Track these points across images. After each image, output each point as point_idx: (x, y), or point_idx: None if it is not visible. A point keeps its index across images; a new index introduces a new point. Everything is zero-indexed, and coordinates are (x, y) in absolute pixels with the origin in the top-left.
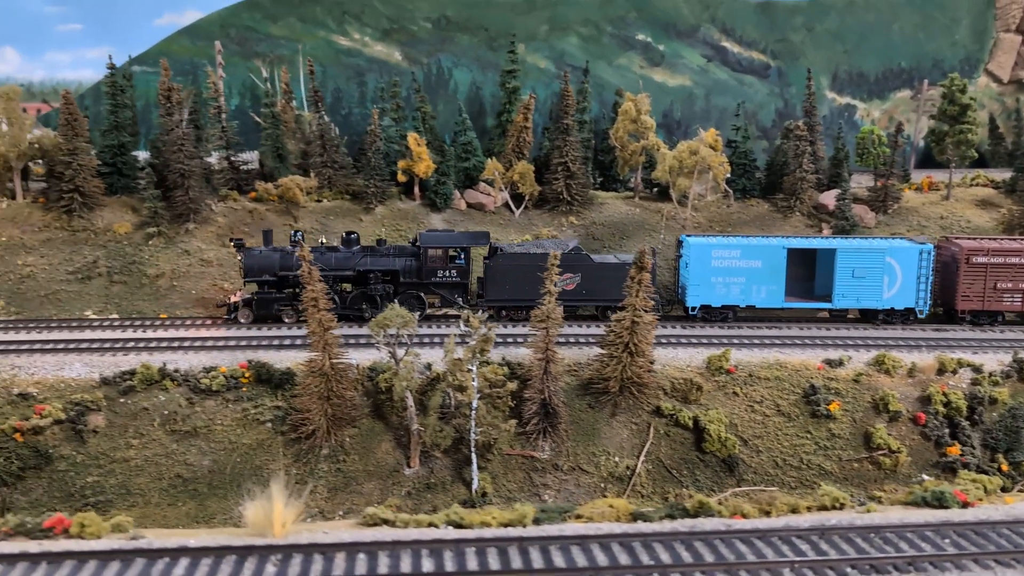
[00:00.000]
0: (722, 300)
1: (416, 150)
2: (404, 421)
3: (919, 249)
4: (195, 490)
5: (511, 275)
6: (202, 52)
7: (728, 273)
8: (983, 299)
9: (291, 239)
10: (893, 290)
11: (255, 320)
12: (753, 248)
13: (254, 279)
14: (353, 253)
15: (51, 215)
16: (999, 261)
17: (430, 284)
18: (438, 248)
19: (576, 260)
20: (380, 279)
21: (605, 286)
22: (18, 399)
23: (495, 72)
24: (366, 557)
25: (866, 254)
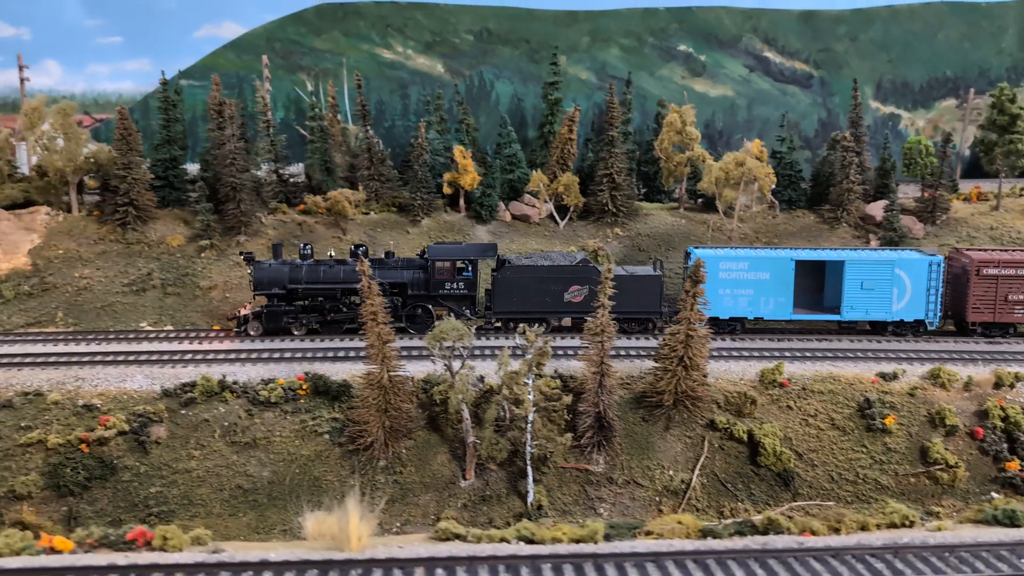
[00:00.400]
0: (730, 312)
1: (462, 162)
2: (459, 433)
3: (928, 261)
4: (255, 501)
5: (519, 287)
6: (247, 66)
7: (736, 285)
8: (994, 311)
9: (300, 252)
10: (903, 302)
11: (265, 333)
12: (761, 260)
13: (264, 292)
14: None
15: (106, 228)
16: (1010, 273)
17: (438, 296)
18: (446, 260)
19: (584, 273)
20: (388, 291)
21: (613, 298)
22: (83, 410)
23: (536, 84)
24: (444, 572)
25: (875, 266)
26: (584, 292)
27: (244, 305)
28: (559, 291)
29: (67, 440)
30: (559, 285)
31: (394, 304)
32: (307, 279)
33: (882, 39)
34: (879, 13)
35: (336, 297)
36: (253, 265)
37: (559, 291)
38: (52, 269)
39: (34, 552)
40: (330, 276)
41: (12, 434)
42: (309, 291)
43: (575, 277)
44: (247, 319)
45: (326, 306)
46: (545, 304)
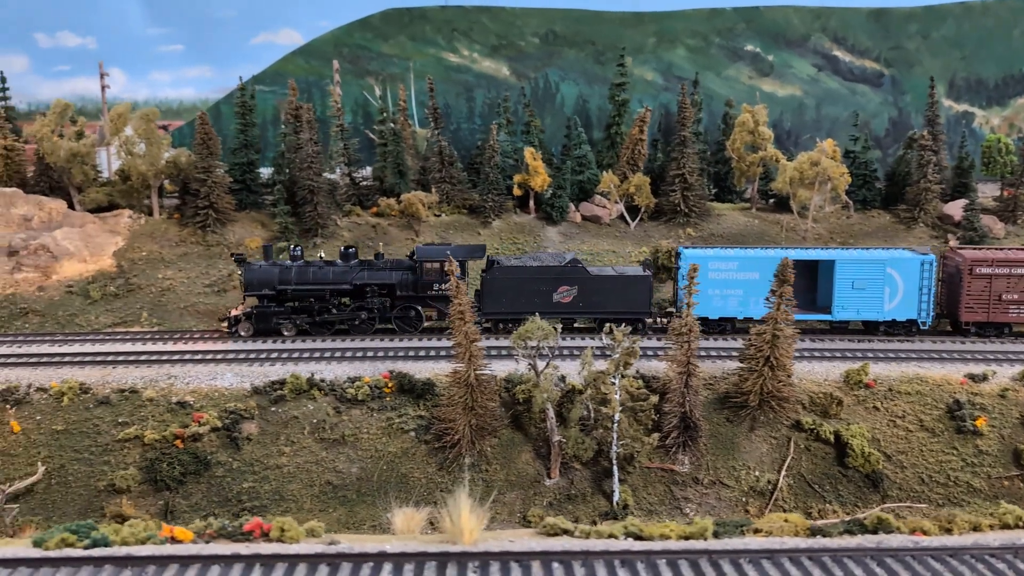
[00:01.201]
0: (719, 312)
1: (532, 164)
2: (543, 432)
3: (920, 260)
4: (344, 497)
5: (508, 288)
6: (316, 71)
7: (725, 285)
8: (988, 311)
9: (290, 253)
10: (895, 301)
11: (255, 333)
12: (751, 260)
13: (254, 293)
14: (351, 267)
15: (187, 230)
16: (1004, 272)
17: (426, 297)
18: (434, 261)
19: (573, 273)
20: (377, 292)
21: (602, 299)
22: (176, 407)
23: (602, 85)
24: (560, 567)
25: (866, 265)
26: (573, 293)
27: (235, 306)
28: (548, 292)
29: (162, 436)
30: (548, 286)
31: (383, 305)
32: (296, 280)
33: (955, 36)
34: (952, 10)
35: (325, 298)
36: (243, 267)
37: (548, 292)
38: (136, 270)
39: (158, 541)
40: (319, 277)
41: (110, 430)
42: (299, 292)
43: (564, 278)
44: (238, 320)
45: (315, 307)
46: (534, 305)
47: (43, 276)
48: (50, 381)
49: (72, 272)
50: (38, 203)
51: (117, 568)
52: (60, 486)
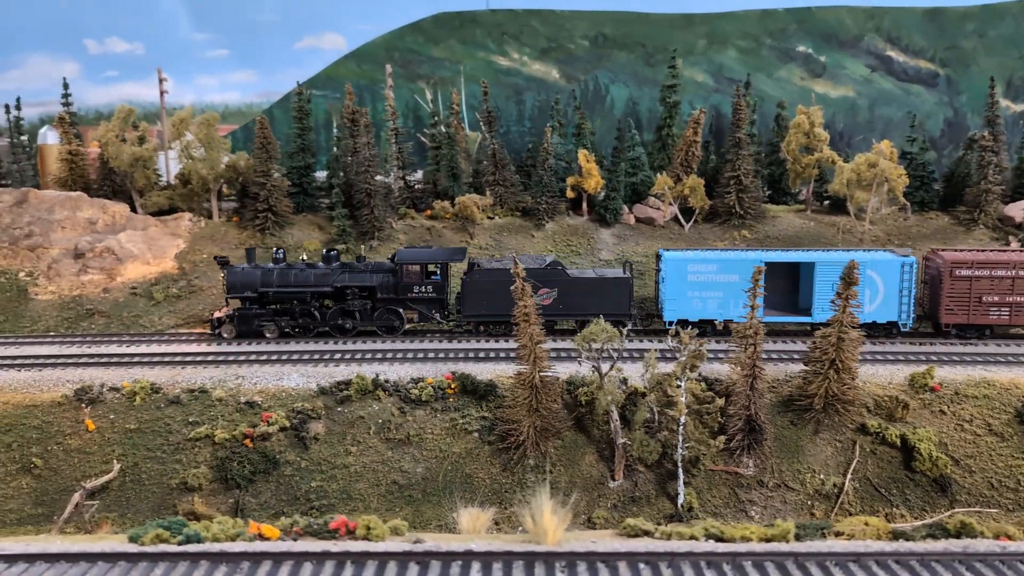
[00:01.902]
0: (699, 314)
1: (586, 166)
2: (606, 435)
3: (901, 262)
4: (410, 496)
5: (488, 290)
6: (367, 75)
7: (705, 288)
8: (968, 313)
9: (273, 256)
10: (875, 304)
11: (237, 335)
12: (730, 262)
13: (237, 295)
14: (332, 270)
15: (246, 233)
16: (984, 274)
17: (407, 299)
18: (414, 264)
19: (552, 275)
20: (357, 295)
21: (582, 301)
22: (245, 407)
23: (652, 87)
24: (647, 567)
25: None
26: (553, 295)
27: (219, 309)
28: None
29: (232, 435)
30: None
31: (364, 307)
32: (278, 283)
33: (1013, 35)
34: (1009, 8)
35: (306, 300)
36: (226, 269)
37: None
38: (197, 272)
39: (247, 538)
40: (300, 280)
41: (181, 429)
42: (280, 294)
43: (543, 280)
44: (221, 322)
45: (297, 309)
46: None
47: (108, 278)
48: (122, 381)
49: (136, 274)
50: (102, 207)
51: (212, 564)
52: (134, 484)
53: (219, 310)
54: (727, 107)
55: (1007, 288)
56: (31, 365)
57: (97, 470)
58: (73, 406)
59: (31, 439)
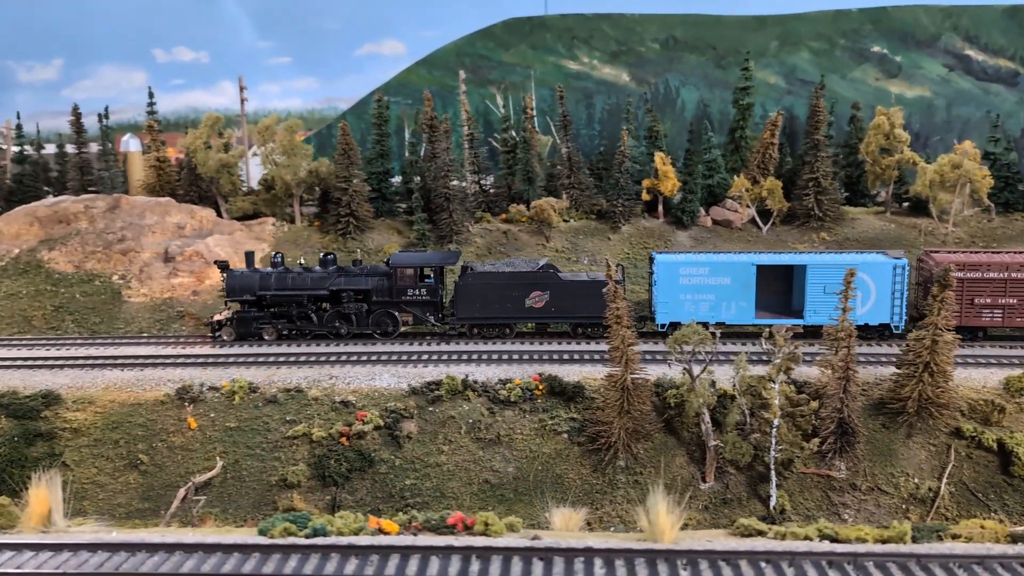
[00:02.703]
0: (691, 317)
1: (662, 169)
2: (696, 437)
3: (893, 264)
4: (502, 495)
5: (481, 293)
6: (438, 81)
7: (697, 290)
8: (960, 315)
9: (272, 260)
10: (867, 306)
11: (237, 338)
12: (722, 265)
13: (236, 299)
14: (328, 273)
15: (328, 237)
16: (976, 276)
17: (401, 302)
18: (408, 267)
19: (544, 278)
20: (353, 298)
21: (574, 303)
22: (340, 406)
23: (723, 89)
24: (769, 566)
25: (837, 269)
26: (545, 298)
27: (219, 311)
28: (520, 297)
29: (329, 434)
30: (520, 291)
31: (359, 310)
32: (276, 286)
33: None
34: None
35: (303, 303)
36: (226, 273)
37: (520, 297)
38: None
39: (369, 532)
40: (297, 283)
41: (279, 427)
42: (277, 298)
43: (536, 283)
44: (221, 324)
45: (294, 312)
46: (507, 309)
47: (197, 281)
48: (220, 381)
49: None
50: (190, 211)
51: (343, 557)
52: (235, 480)
53: (219, 313)
54: (800, 109)
55: (999, 290)
56: (132, 365)
57: (200, 467)
58: (175, 405)
59: (137, 436)
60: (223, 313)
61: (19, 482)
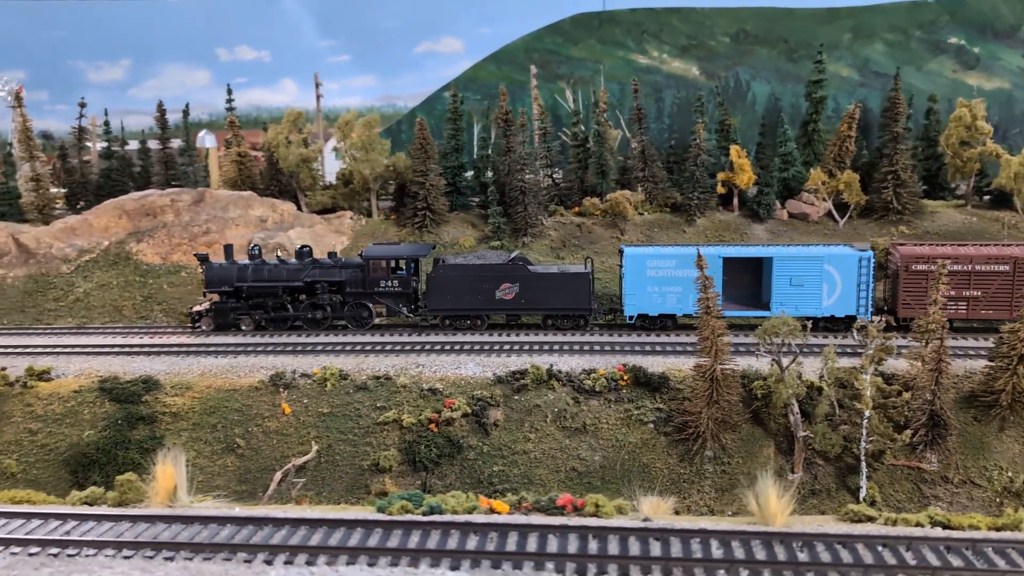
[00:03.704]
0: (658, 309)
1: (738, 162)
2: (784, 428)
3: (858, 256)
4: (589, 483)
5: (452, 286)
6: (506, 76)
7: (664, 283)
8: (925, 307)
9: (248, 252)
10: (833, 298)
11: (216, 328)
12: (689, 258)
13: (215, 290)
14: (304, 265)
15: (404, 231)
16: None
17: (374, 293)
18: (380, 259)
19: (514, 271)
20: (327, 289)
21: (543, 295)
22: (428, 394)
23: (794, 83)
24: (887, 550)
25: (803, 262)
26: (515, 290)
27: (199, 303)
28: (491, 289)
29: (418, 420)
30: (490, 283)
31: (333, 301)
32: (252, 278)
33: None
34: None
35: (278, 295)
36: (205, 265)
37: (491, 289)
38: None
39: (482, 511)
40: (273, 275)
41: (370, 413)
42: (253, 289)
43: (506, 275)
44: (200, 315)
45: (270, 303)
46: (478, 301)
47: None
48: (312, 368)
49: None
50: (271, 205)
51: (463, 534)
52: (328, 464)
53: (198, 304)
54: (873, 102)
55: (964, 283)
56: (226, 352)
57: (294, 451)
58: (269, 391)
59: (233, 421)
60: (203, 304)
61: (124, 462)
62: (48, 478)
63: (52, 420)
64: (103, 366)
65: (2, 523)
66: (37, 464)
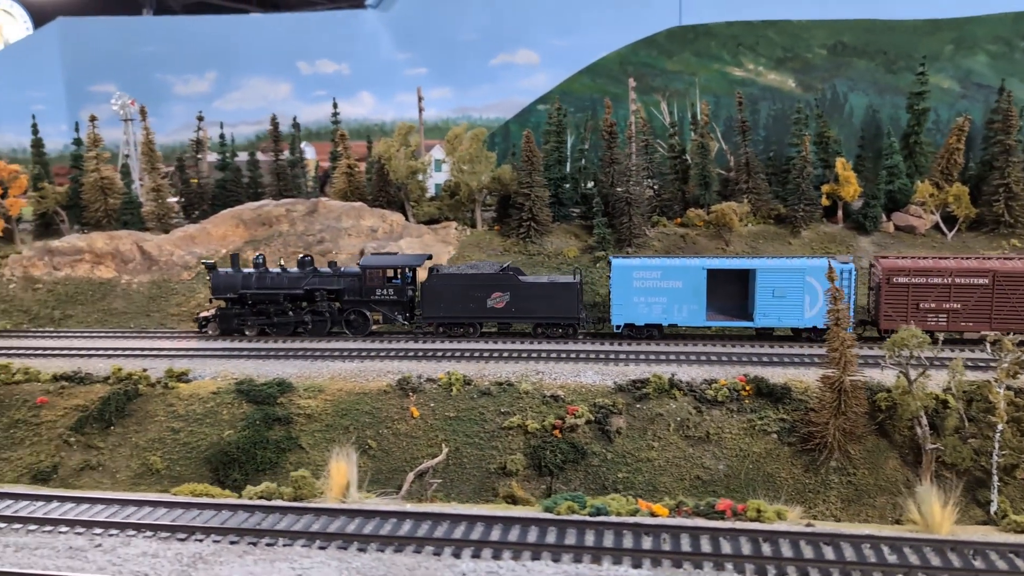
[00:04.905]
0: (645, 319)
1: (843, 174)
2: (910, 440)
3: (839, 269)
4: (714, 491)
5: (445, 294)
6: (600, 88)
7: (650, 293)
8: (906, 319)
9: (253, 261)
10: (815, 309)
11: (221, 333)
12: (674, 269)
13: (221, 296)
14: (304, 274)
15: (509, 241)
16: (920, 281)
17: (371, 302)
18: (376, 268)
19: (505, 280)
20: (326, 297)
21: (533, 304)
22: (550, 400)
23: (893, 95)
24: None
25: (785, 274)
26: (506, 298)
27: (206, 309)
28: (482, 297)
29: (542, 426)
30: (482, 292)
31: (331, 308)
32: (255, 286)
33: None
34: None
35: (279, 302)
36: (212, 273)
37: (482, 297)
38: None
39: (644, 514)
40: (275, 283)
41: (494, 418)
42: (257, 296)
43: (497, 284)
44: (207, 320)
45: (271, 310)
46: (470, 309)
47: None
48: (436, 373)
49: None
50: (381, 215)
51: (634, 535)
52: (456, 467)
53: (205, 310)
54: (975, 113)
55: (944, 295)
56: (351, 357)
57: (424, 453)
58: (397, 394)
59: (364, 423)
60: (209, 310)
61: (262, 461)
62: (190, 475)
63: (193, 420)
64: (236, 369)
65: (196, 513)
66: (180, 461)
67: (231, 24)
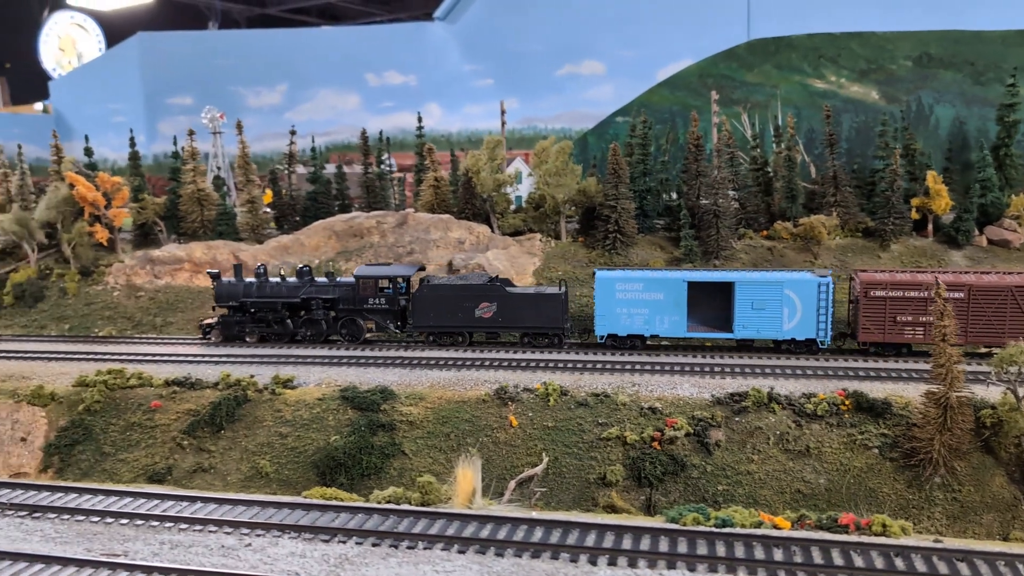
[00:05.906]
0: (627, 330)
1: (934, 187)
2: (1017, 457)
3: (817, 282)
4: (815, 505)
5: (435, 304)
6: (679, 101)
7: (632, 304)
8: (883, 331)
9: (255, 271)
10: (793, 321)
11: (224, 340)
12: (655, 281)
13: (224, 305)
14: (302, 283)
15: (594, 252)
16: (897, 295)
17: (364, 310)
18: (368, 278)
19: (492, 291)
20: (321, 305)
21: (519, 314)
22: (648, 412)
23: (981, 106)
24: None
25: (763, 287)
26: (493, 308)
27: (209, 316)
28: (471, 307)
29: (641, 437)
30: (470, 302)
31: (327, 317)
32: (256, 295)
33: None
34: None
35: (278, 310)
36: (215, 282)
37: (471, 307)
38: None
39: (767, 527)
40: (274, 292)
41: (592, 429)
42: (257, 304)
43: (484, 295)
44: (211, 327)
45: (271, 317)
46: (459, 319)
47: None
48: (533, 383)
49: None
50: (468, 228)
51: (764, 547)
52: (555, 476)
53: (209, 317)
54: None
55: (920, 308)
56: (450, 366)
57: (523, 462)
58: (495, 403)
59: (465, 431)
60: (212, 317)
61: (367, 466)
62: (298, 478)
63: (300, 425)
64: (339, 376)
65: (333, 516)
66: (288, 465)
67: (300, 37)
